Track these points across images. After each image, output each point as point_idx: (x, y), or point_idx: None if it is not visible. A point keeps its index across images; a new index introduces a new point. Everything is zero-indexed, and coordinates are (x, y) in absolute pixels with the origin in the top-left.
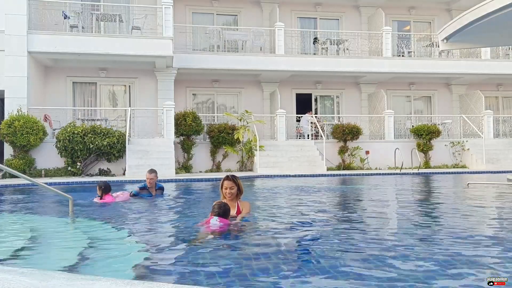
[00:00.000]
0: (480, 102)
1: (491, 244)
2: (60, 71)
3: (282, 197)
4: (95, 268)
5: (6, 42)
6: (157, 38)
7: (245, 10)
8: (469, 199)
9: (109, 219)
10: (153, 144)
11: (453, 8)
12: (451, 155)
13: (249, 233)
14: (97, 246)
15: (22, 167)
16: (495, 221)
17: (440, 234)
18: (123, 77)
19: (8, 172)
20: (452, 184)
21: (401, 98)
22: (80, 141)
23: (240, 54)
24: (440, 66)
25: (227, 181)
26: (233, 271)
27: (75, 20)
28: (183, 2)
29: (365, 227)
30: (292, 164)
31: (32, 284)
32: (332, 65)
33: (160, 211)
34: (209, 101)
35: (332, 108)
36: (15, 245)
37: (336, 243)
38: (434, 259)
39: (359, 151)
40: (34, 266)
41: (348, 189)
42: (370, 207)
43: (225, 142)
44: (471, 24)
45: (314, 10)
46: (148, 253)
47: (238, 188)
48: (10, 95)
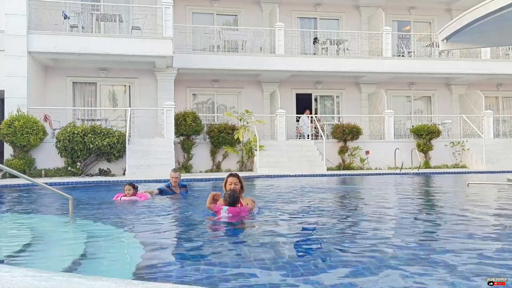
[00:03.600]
0: (480, 102)
1: (491, 244)
2: (60, 71)
3: (282, 197)
4: (95, 268)
5: (6, 42)
6: (157, 38)
7: (245, 10)
8: (469, 199)
9: (109, 218)
10: (153, 144)
11: (453, 8)
12: (451, 155)
13: (251, 233)
14: (97, 246)
15: (22, 167)
16: (495, 221)
17: (440, 234)
18: (123, 77)
19: (8, 172)
20: (452, 184)
21: (401, 98)
22: (80, 141)
23: (240, 54)
24: (440, 66)
25: (231, 177)
26: (233, 271)
27: (75, 20)
28: (183, 2)
29: (365, 227)
30: (292, 164)
31: (32, 284)
32: (332, 65)
33: (161, 210)
34: (209, 101)
35: (332, 108)
36: (15, 245)
37: (336, 243)
38: (434, 259)
39: (359, 151)
40: (34, 266)
41: (348, 189)
42: (370, 207)
43: (225, 142)
44: (471, 24)
45: (314, 10)
46: (148, 253)
47: (241, 185)
48: (10, 95)
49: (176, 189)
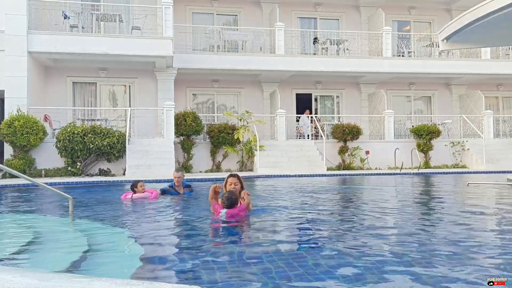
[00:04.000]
0: (480, 102)
1: (491, 244)
2: (60, 71)
3: (282, 197)
4: (95, 268)
5: (6, 42)
6: (157, 38)
7: (245, 10)
8: (469, 199)
9: (109, 218)
10: (153, 144)
11: (453, 8)
12: (451, 155)
13: (251, 233)
14: (97, 246)
15: (22, 167)
16: (495, 221)
17: (440, 234)
18: (123, 77)
19: (8, 172)
20: (452, 184)
21: (401, 98)
22: (80, 141)
23: (240, 54)
24: (440, 66)
25: (231, 178)
26: (234, 271)
27: (75, 20)
28: (183, 2)
29: (365, 226)
30: (292, 164)
31: (32, 284)
32: (332, 65)
33: (161, 210)
34: (209, 101)
35: (332, 108)
36: (15, 245)
37: (336, 243)
38: (433, 259)
39: (359, 151)
40: (34, 266)
41: (348, 189)
42: (370, 207)
43: (225, 142)
44: (471, 24)
45: (314, 10)
46: (148, 252)
47: (241, 185)
48: (10, 95)
49: (180, 189)
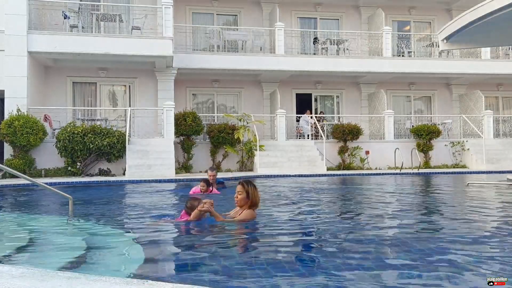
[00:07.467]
0: (480, 102)
1: (491, 244)
2: (60, 71)
3: (282, 197)
4: (95, 268)
5: (6, 42)
6: (157, 38)
7: (245, 10)
8: (469, 199)
9: (109, 218)
10: (153, 144)
11: (453, 8)
12: (451, 155)
13: (251, 233)
14: (97, 246)
15: (22, 167)
16: (495, 221)
17: (440, 234)
18: (123, 77)
19: (8, 172)
20: (452, 184)
21: (401, 98)
22: (80, 141)
23: (240, 54)
24: (440, 66)
25: (238, 185)
26: (234, 271)
27: (75, 20)
28: (183, 2)
29: (365, 226)
30: (292, 164)
31: (32, 284)
32: (332, 65)
33: (160, 210)
34: (209, 101)
35: (332, 108)
36: (15, 245)
37: (336, 243)
38: (434, 259)
39: (359, 151)
40: (34, 266)
41: (348, 189)
42: (370, 207)
43: (225, 142)
44: (471, 24)
45: (314, 10)
46: (148, 252)
47: (248, 196)
48: (10, 95)
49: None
